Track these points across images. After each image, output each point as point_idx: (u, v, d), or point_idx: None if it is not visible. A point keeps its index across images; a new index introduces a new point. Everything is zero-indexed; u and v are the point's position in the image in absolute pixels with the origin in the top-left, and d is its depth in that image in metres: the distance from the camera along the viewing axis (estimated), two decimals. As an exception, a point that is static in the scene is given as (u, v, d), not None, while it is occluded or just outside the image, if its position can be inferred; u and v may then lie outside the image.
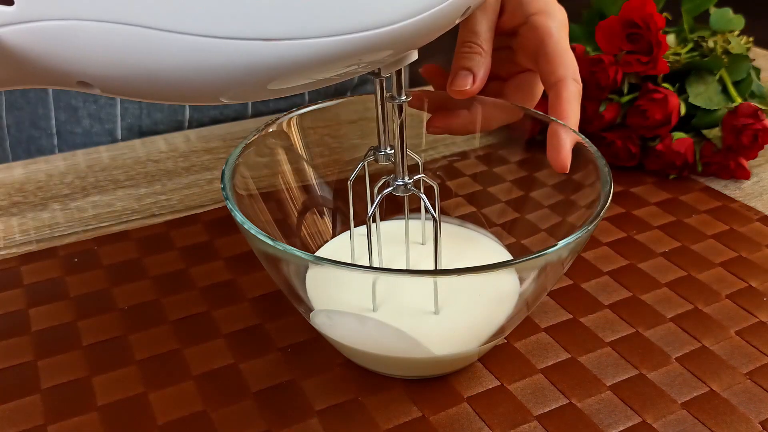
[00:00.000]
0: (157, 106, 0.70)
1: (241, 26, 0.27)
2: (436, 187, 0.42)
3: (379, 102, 0.40)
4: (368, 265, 0.36)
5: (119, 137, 0.70)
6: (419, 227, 0.47)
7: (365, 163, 0.43)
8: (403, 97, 0.39)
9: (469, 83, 0.45)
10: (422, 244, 0.47)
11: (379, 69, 0.37)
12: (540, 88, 0.49)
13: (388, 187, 0.41)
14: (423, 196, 0.40)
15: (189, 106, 0.71)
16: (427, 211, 0.41)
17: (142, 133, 0.71)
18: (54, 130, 0.69)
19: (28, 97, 0.69)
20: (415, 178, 0.41)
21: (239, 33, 0.27)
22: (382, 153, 0.42)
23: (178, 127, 0.71)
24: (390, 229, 0.48)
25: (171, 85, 0.29)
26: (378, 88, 0.39)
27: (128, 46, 0.27)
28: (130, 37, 0.27)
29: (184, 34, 0.27)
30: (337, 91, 0.78)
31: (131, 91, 0.31)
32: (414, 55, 0.36)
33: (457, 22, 0.33)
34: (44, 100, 0.69)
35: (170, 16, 0.27)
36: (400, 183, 0.41)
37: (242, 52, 0.27)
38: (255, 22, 0.27)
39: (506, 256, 0.46)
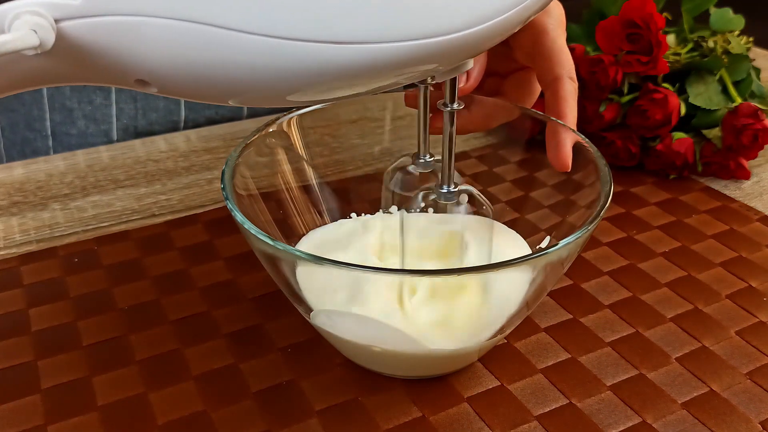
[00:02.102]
0: (152, 106, 0.70)
1: (311, 28, 0.27)
2: (476, 194, 0.42)
3: (421, 109, 0.40)
4: (368, 265, 0.36)
5: (115, 138, 0.70)
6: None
7: (402, 159, 0.43)
8: (456, 105, 0.39)
9: (462, 81, 0.45)
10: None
11: (433, 75, 0.36)
12: (539, 85, 0.49)
13: (431, 193, 0.41)
14: (476, 194, 0.40)
15: (185, 106, 0.71)
16: (475, 207, 0.41)
17: (138, 134, 0.71)
18: (49, 132, 0.69)
19: (23, 98, 0.68)
20: (460, 187, 0.41)
21: (309, 35, 0.27)
22: (422, 160, 0.42)
23: (174, 127, 0.71)
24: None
25: (235, 87, 0.29)
26: (422, 94, 0.40)
27: (195, 45, 0.27)
28: (198, 35, 0.27)
29: (255, 34, 0.27)
30: None
31: (190, 91, 0.30)
32: (470, 64, 0.36)
33: (517, 29, 0.33)
34: (39, 101, 0.68)
35: (240, 16, 0.26)
36: (445, 191, 0.41)
37: (311, 54, 0.27)
38: (326, 25, 0.27)
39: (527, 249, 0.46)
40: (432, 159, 0.43)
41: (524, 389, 0.40)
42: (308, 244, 0.46)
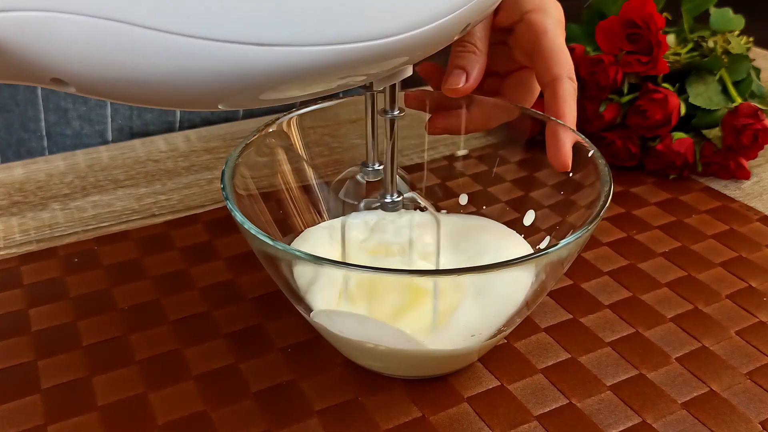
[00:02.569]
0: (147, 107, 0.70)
1: (234, 29, 0.25)
2: (427, 205, 0.42)
3: (369, 116, 0.39)
4: (368, 265, 0.36)
5: (110, 138, 0.70)
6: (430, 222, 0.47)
7: (351, 169, 0.43)
8: (396, 112, 0.39)
9: (462, 82, 0.45)
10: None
11: (371, 83, 0.36)
12: (538, 85, 0.49)
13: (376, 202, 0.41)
14: (422, 202, 0.39)
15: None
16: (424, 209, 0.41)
17: (133, 134, 0.71)
18: (44, 132, 0.69)
19: (17, 99, 0.68)
20: (405, 195, 0.41)
21: (233, 36, 0.26)
22: (370, 169, 0.41)
23: (170, 128, 0.71)
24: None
25: (156, 89, 0.28)
26: (369, 102, 0.39)
27: (110, 43, 0.25)
28: (115, 33, 0.25)
29: (172, 33, 0.25)
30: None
31: (110, 93, 0.29)
32: (408, 71, 0.35)
33: (455, 38, 0.32)
34: (34, 101, 0.68)
35: (159, 15, 0.25)
36: (389, 200, 0.40)
37: (234, 56, 0.26)
38: (251, 26, 0.26)
39: (527, 246, 0.46)
40: (381, 167, 0.41)
41: (524, 389, 0.40)
42: (298, 236, 0.46)
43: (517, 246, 0.46)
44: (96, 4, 0.25)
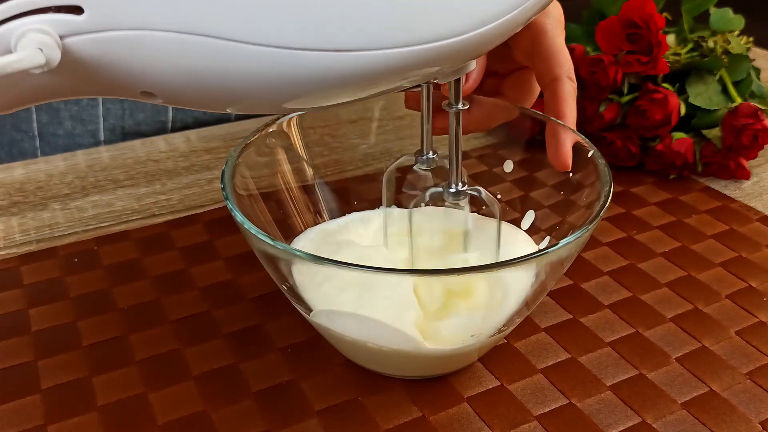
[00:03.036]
0: (139, 106, 0.70)
1: (313, 37, 0.27)
2: (484, 193, 0.42)
3: (425, 107, 0.40)
4: (369, 265, 0.36)
5: (102, 138, 0.70)
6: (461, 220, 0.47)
7: (403, 158, 0.43)
8: (460, 105, 0.39)
9: (461, 82, 0.45)
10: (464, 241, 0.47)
11: (436, 77, 0.36)
12: (538, 85, 0.49)
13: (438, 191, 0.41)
14: (484, 193, 0.40)
15: (173, 106, 0.71)
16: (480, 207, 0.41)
17: (125, 134, 0.71)
18: (36, 132, 0.69)
19: None
20: (468, 187, 0.41)
21: (311, 44, 0.27)
22: (425, 157, 0.42)
23: (162, 127, 0.71)
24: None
25: (238, 95, 0.29)
26: (425, 93, 0.40)
27: (197, 57, 0.27)
28: (202, 48, 0.27)
29: (257, 45, 0.27)
30: None
31: (196, 101, 0.31)
32: (473, 65, 0.36)
33: (519, 30, 0.33)
34: None
35: (242, 27, 0.26)
36: (453, 190, 0.41)
37: (313, 63, 0.27)
38: (327, 33, 0.27)
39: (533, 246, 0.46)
40: (435, 156, 0.43)
41: (524, 389, 0.40)
42: (308, 240, 0.46)
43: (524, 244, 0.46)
44: (182, 21, 0.26)
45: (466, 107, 0.39)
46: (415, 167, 0.44)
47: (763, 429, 0.38)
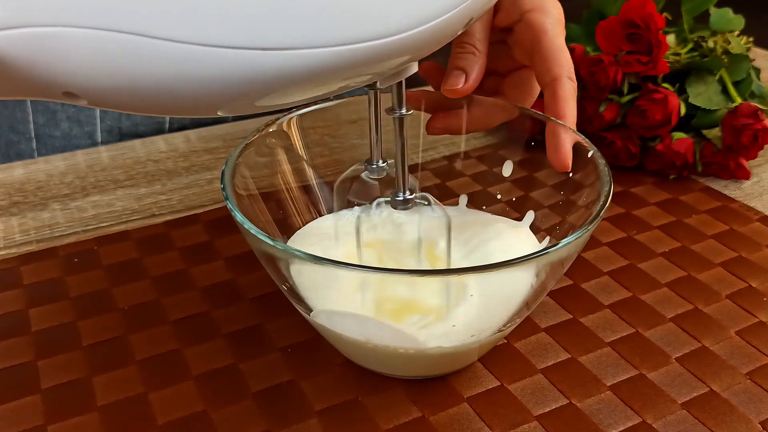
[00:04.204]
0: None
1: (238, 35, 0.26)
2: (436, 203, 0.42)
3: (372, 114, 0.39)
4: (369, 265, 0.36)
5: (99, 140, 0.70)
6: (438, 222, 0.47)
7: (354, 168, 0.43)
8: (404, 110, 0.39)
9: (461, 82, 0.45)
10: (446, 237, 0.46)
11: (376, 81, 0.36)
12: (538, 85, 0.49)
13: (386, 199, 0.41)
14: (432, 200, 0.39)
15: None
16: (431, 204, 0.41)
17: (122, 135, 0.71)
18: (32, 134, 0.69)
19: (6, 101, 0.68)
20: (417, 194, 0.41)
21: (236, 42, 0.26)
22: (374, 166, 0.41)
23: (159, 128, 0.71)
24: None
25: (163, 97, 0.28)
26: (372, 99, 0.39)
27: (119, 54, 0.26)
28: (121, 44, 0.25)
29: (178, 42, 0.26)
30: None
31: (120, 103, 0.29)
32: (414, 68, 0.35)
33: (459, 32, 0.32)
34: (22, 103, 0.68)
35: (163, 23, 0.25)
36: (401, 198, 0.40)
37: (239, 61, 0.26)
38: (253, 31, 0.26)
39: (534, 242, 0.46)
40: (385, 164, 0.42)
41: (524, 389, 0.40)
42: (298, 236, 0.46)
43: (524, 242, 0.46)
44: (101, 17, 0.25)
45: (410, 113, 0.39)
46: (362, 176, 0.42)
47: (763, 429, 0.38)
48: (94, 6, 0.25)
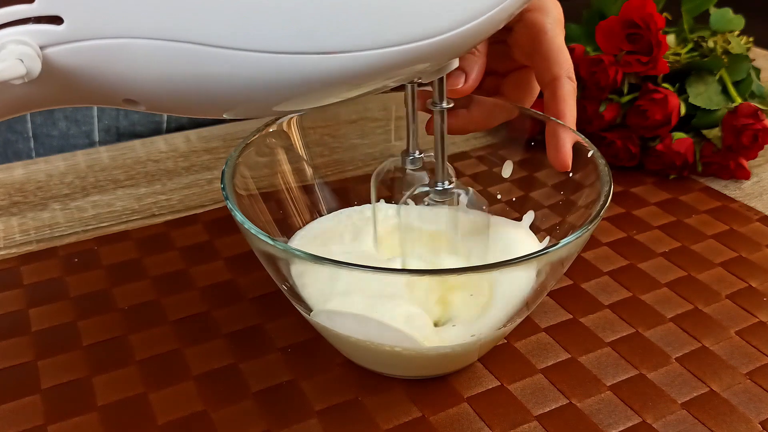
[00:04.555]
0: None
1: (295, 41, 0.27)
2: (471, 193, 0.43)
3: (410, 106, 0.40)
4: (369, 265, 0.36)
5: (96, 139, 0.70)
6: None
7: (389, 162, 0.43)
8: (445, 104, 0.39)
9: (461, 82, 0.45)
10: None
11: (420, 77, 0.37)
12: (538, 84, 0.49)
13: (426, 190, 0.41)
14: (464, 194, 0.40)
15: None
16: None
17: (120, 135, 0.71)
18: (30, 134, 0.69)
19: None
20: (453, 184, 0.41)
21: (294, 47, 0.27)
22: (411, 157, 0.42)
23: (157, 128, 0.71)
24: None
25: (221, 101, 0.29)
26: (409, 92, 0.40)
27: (179, 63, 0.27)
28: (183, 54, 0.27)
29: (239, 50, 0.27)
30: None
31: (179, 108, 0.31)
32: (456, 63, 0.36)
33: (500, 28, 0.33)
34: None
35: (223, 33, 0.26)
36: (440, 188, 0.41)
37: (297, 66, 0.27)
38: (310, 37, 0.27)
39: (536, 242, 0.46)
40: (421, 155, 0.43)
41: (524, 389, 0.40)
42: (303, 238, 0.46)
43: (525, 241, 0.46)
44: (163, 28, 0.26)
45: (451, 105, 0.40)
46: (407, 168, 0.43)
47: (763, 429, 0.38)
48: (157, 18, 0.26)
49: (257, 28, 0.26)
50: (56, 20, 0.26)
